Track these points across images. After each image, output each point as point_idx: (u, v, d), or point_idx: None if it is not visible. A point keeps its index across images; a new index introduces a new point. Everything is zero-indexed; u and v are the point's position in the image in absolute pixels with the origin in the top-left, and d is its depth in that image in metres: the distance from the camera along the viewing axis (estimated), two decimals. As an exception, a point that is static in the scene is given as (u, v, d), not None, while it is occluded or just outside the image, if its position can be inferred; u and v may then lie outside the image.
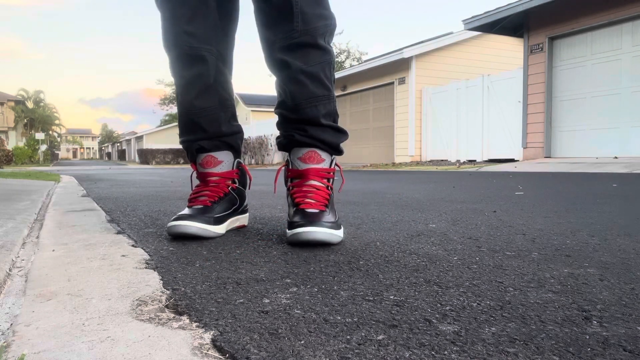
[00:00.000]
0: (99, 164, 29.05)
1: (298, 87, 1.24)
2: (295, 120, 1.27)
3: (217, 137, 1.37)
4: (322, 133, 1.26)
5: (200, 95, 1.34)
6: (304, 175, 1.24)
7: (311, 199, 1.18)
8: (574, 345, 0.53)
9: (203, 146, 1.37)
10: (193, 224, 1.20)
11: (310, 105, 1.24)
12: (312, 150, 1.25)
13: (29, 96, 45.61)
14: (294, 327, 0.59)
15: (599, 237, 1.24)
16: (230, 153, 1.39)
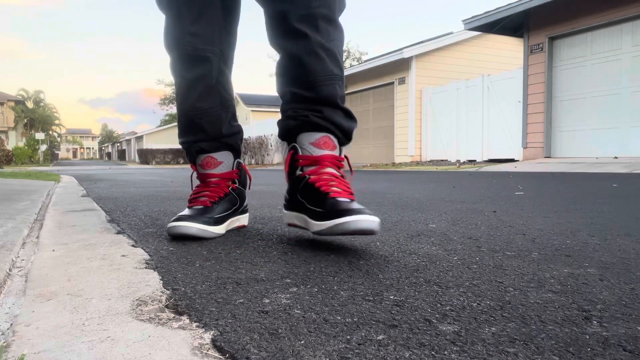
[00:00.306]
0: (99, 164, 29.05)
1: (317, 61, 1.14)
2: (310, 99, 1.16)
3: (217, 138, 1.35)
4: (337, 116, 1.17)
5: (201, 96, 1.31)
6: (319, 162, 1.14)
7: (336, 187, 1.09)
8: (574, 345, 0.53)
9: (203, 147, 1.35)
10: (193, 225, 1.19)
11: (328, 84, 1.15)
12: (326, 136, 1.16)
13: (29, 96, 45.62)
14: (294, 327, 0.59)
15: (599, 237, 1.24)
16: (230, 153, 1.37)
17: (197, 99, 1.32)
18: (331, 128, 1.16)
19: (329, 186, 1.09)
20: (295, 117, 1.18)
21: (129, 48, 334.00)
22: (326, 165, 1.14)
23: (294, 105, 1.19)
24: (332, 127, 1.17)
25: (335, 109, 1.17)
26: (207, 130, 1.34)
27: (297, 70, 1.17)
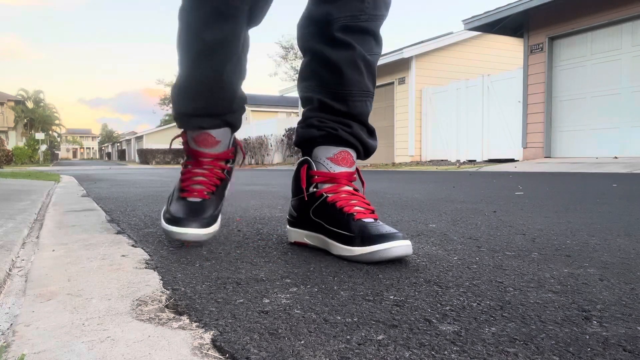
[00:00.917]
0: (99, 164, 29.06)
1: (356, 74, 1.07)
2: (341, 112, 1.09)
3: (222, 114, 1.19)
4: (364, 134, 1.12)
5: (222, 62, 1.11)
6: (336, 180, 1.07)
7: (359, 206, 1.03)
8: (574, 345, 0.53)
9: (203, 125, 1.18)
10: (189, 231, 1.07)
11: (362, 100, 1.09)
12: (345, 151, 1.09)
13: (28, 96, 45.64)
14: (294, 327, 0.59)
15: (599, 237, 1.24)
16: (229, 130, 1.22)
17: (218, 64, 1.11)
18: (356, 144, 1.10)
19: (351, 206, 1.03)
20: (320, 127, 1.10)
21: (129, 48, 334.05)
22: (344, 184, 1.07)
23: (322, 114, 1.11)
24: (358, 143, 1.11)
25: (362, 126, 1.12)
26: (215, 104, 1.17)
27: (332, 79, 1.09)
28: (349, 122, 1.09)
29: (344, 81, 1.07)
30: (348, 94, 1.08)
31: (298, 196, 1.13)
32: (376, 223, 0.99)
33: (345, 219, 1.01)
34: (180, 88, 1.18)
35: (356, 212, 1.01)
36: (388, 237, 0.93)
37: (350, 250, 0.96)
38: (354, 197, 1.05)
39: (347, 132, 1.09)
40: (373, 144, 1.15)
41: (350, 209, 1.02)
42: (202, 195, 1.14)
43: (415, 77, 11.99)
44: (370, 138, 1.14)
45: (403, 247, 0.93)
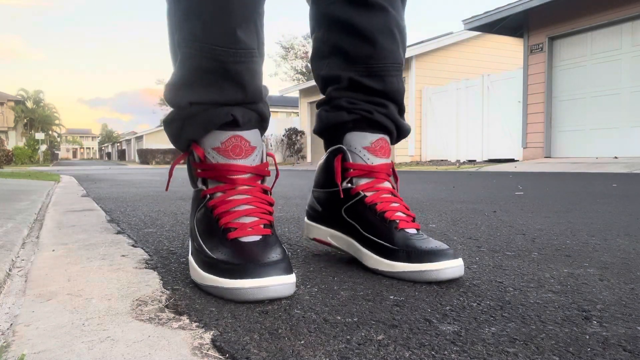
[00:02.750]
0: (99, 164, 29.07)
1: (390, 42, 0.90)
2: (376, 90, 0.92)
3: (255, 101, 0.84)
4: (398, 115, 0.95)
5: (242, 24, 0.78)
6: (376, 174, 0.90)
7: (401, 211, 0.88)
8: (574, 345, 0.53)
9: (236, 116, 0.81)
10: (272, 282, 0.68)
11: (396, 74, 0.93)
12: (382, 138, 0.92)
13: (28, 96, 45.66)
14: (294, 327, 0.59)
15: (599, 237, 1.24)
16: (259, 133, 0.86)
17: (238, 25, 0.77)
18: (392, 129, 0.94)
19: (393, 210, 0.87)
20: (351, 109, 0.92)
21: (128, 48, 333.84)
22: (383, 179, 0.91)
23: (352, 94, 0.93)
24: (394, 128, 0.94)
25: (397, 106, 0.95)
26: (247, 85, 0.81)
27: (363, 51, 0.91)
28: (385, 103, 0.92)
29: (378, 53, 0.90)
30: (382, 68, 0.91)
31: (325, 189, 0.96)
32: (421, 235, 0.85)
33: (386, 228, 0.86)
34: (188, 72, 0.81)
35: (399, 219, 0.86)
36: (438, 255, 0.79)
37: (391, 266, 0.82)
38: (394, 198, 0.90)
39: (384, 114, 0.92)
40: (407, 126, 0.98)
41: (392, 215, 0.87)
42: (260, 231, 0.77)
43: (415, 77, 11.99)
44: (404, 120, 0.98)
45: (456, 269, 0.79)
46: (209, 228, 0.79)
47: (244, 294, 0.68)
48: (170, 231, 1.37)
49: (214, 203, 0.79)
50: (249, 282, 0.68)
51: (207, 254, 0.75)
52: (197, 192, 0.84)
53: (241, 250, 0.73)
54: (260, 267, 0.69)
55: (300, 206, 2.12)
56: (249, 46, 0.79)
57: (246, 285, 0.68)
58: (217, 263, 0.72)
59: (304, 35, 30.36)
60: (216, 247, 0.75)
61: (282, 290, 0.69)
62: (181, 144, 0.87)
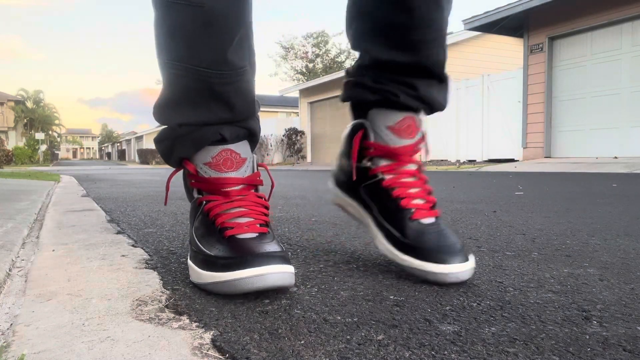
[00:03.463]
0: (99, 164, 29.07)
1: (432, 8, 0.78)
2: (406, 66, 0.82)
3: (245, 118, 0.85)
4: (435, 91, 0.85)
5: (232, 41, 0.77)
6: (397, 156, 0.84)
7: (419, 198, 0.83)
8: (574, 345, 0.53)
9: (224, 135, 0.82)
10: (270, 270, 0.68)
11: (437, 45, 0.81)
12: (410, 117, 0.85)
13: (28, 96, 45.67)
14: (294, 327, 0.59)
15: (599, 237, 1.24)
16: (248, 145, 0.87)
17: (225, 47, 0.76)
18: (420, 107, 0.85)
19: (410, 197, 0.83)
20: (375, 89, 0.85)
21: (128, 48, 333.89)
22: (405, 162, 0.85)
23: (377, 72, 0.85)
24: (423, 105, 0.86)
25: (437, 81, 0.85)
26: (235, 103, 0.81)
27: (396, 18, 0.79)
28: (415, 83, 0.83)
29: (414, 21, 0.78)
30: (420, 41, 0.80)
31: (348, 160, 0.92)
32: (436, 227, 0.81)
33: (400, 216, 0.82)
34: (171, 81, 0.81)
35: (415, 207, 0.82)
36: (447, 255, 0.75)
37: (401, 259, 0.80)
38: (415, 182, 0.84)
39: (412, 96, 0.83)
40: (443, 99, 0.87)
41: (408, 203, 0.82)
42: (256, 230, 0.76)
43: (415, 77, 11.98)
44: (442, 91, 0.87)
45: (464, 273, 0.76)
46: (206, 230, 0.78)
47: (243, 284, 0.67)
48: (170, 231, 1.37)
49: (210, 206, 0.79)
50: (247, 272, 0.67)
51: (205, 252, 0.75)
52: (194, 201, 0.84)
53: (238, 245, 0.72)
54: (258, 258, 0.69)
55: (300, 206, 2.12)
56: (239, 65, 0.79)
57: (244, 275, 0.66)
58: (214, 259, 0.72)
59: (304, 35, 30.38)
60: (213, 245, 0.74)
61: (282, 279, 0.68)
62: (173, 162, 0.88)
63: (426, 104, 0.85)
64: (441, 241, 0.78)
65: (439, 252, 0.76)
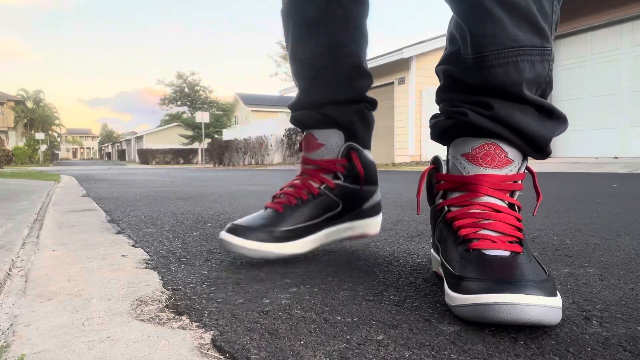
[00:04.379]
0: (99, 164, 29.08)
1: (486, 24, 0.69)
2: (472, 86, 0.74)
3: (318, 106, 0.95)
4: (520, 114, 0.71)
5: (301, 36, 0.93)
6: (471, 185, 0.72)
7: (489, 229, 0.67)
8: (574, 345, 0.53)
9: (300, 119, 0.98)
10: (239, 242, 0.85)
11: (506, 61, 0.70)
12: (491, 143, 0.72)
13: (28, 96, 45.69)
14: (294, 327, 0.59)
15: (599, 237, 1.24)
16: (338, 133, 0.95)
17: (291, 42, 0.94)
18: (503, 133, 0.71)
19: (476, 228, 0.67)
20: (449, 113, 0.77)
21: (128, 48, 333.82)
22: (482, 193, 0.71)
23: (451, 93, 0.77)
24: (507, 131, 0.71)
25: (517, 102, 0.72)
26: (305, 90, 0.96)
27: (457, 41, 0.75)
28: (487, 101, 0.72)
29: (473, 40, 0.71)
30: (482, 57, 0.71)
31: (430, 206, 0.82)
32: (504, 254, 0.63)
33: (456, 248, 0.68)
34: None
35: (480, 237, 0.66)
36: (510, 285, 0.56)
37: (451, 299, 0.62)
38: (492, 214, 0.69)
39: (485, 115, 0.72)
40: (540, 131, 0.72)
41: (469, 232, 0.67)
42: (277, 208, 0.91)
43: (415, 77, 11.99)
44: (540, 121, 0.73)
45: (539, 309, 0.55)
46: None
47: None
48: (170, 231, 1.37)
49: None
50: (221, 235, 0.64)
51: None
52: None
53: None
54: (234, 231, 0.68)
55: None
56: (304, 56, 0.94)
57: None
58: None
59: (304, 35, 30.19)
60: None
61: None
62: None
63: (504, 126, 0.71)
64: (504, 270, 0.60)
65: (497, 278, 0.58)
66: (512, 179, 0.73)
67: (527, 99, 0.72)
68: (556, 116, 0.74)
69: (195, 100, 41.44)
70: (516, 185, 0.73)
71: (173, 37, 59.82)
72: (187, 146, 34.74)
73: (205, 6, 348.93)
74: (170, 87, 41.69)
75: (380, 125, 13.13)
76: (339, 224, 0.98)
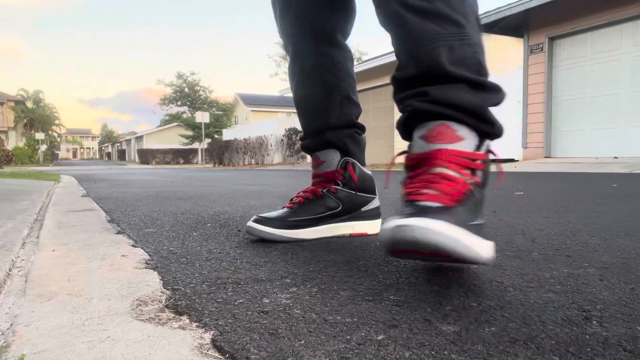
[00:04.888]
0: (99, 164, 29.09)
1: (402, 26, 0.83)
2: (410, 79, 0.85)
3: (318, 133, 1.23)
4: (454, 91, 0.81)
5: (302, 81, 1.23)
6: (427, 159, 0.79)
7: (433, 189, 0.73)
8: (574, 345, 0.53)
9: (307, 146, 1.26)
10: (261, 228, 1.15)
11: (426, 49, 0.81)
12: (442, 124, 0.80)
13: (28, 96, 45.70)
14: (294, 327, 0.59)
15: (599, 237, 1.24)
16: (335, 151, 1.22)
17: (294, 87, 1.25)
18: (446, 112, 0.80)
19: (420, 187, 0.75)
20: (402, 110, 0.87)
21: (128, 48, 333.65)
22: (437, 164, 0.77)
23: (400, 93, 0.88)
24: (448, 109, 0.80)
25: (449, 82, 0.81)
26: (308, 122, 1.25)
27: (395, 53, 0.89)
28: (424, 88, 0.82)
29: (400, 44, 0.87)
30: (409, 52, 0.84)
31: None
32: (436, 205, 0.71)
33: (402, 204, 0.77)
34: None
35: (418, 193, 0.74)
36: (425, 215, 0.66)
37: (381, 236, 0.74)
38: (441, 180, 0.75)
39: (424, 99, 0.82)
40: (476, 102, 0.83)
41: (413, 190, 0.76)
42: (290, 206, 1.21)
43: (415, 77, 11.98)
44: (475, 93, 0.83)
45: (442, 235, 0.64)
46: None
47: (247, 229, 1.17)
48: (170, 231, 1.37)
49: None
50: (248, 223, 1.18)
51: None
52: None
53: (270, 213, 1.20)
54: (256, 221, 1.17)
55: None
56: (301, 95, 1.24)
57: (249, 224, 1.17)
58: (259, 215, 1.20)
59: (304, 35, 30.18)
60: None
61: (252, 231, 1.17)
62: None
63: (445, 106, 0.80)
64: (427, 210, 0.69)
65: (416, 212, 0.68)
66: (468, 156, 0.80)
67: (455, 77, 0.81)
68: (488, 88, 0.86)
69: (195, 100, 41.46)
70: (475, 163, 0.80)
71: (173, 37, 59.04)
72: (187, 146, 34.75)
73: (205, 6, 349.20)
74: (170, 87, 41.71)
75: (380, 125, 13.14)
76: (340, 222, 1.22)
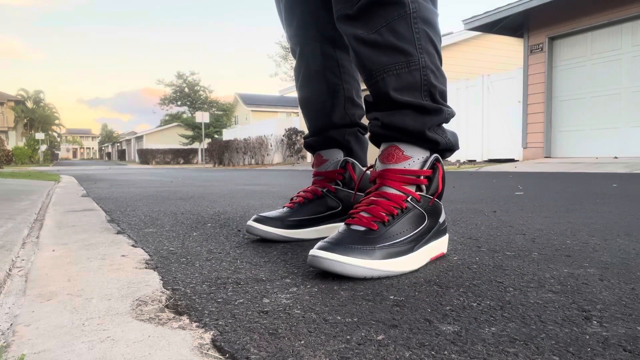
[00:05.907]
0: (99, 164, 29.10)
1: (359, 59, 0.94)
2: (369, 105, 0.98)
3: (322, 131, 1.24)
4: (399, 117, 0.91)
5: (302, 84, 1.26)
6: (379, 177, 0.92)
7: (368, 212, 0.88)
8: (574, 345, 0.53)
9: (310, 144, 1.27)
10: (260, 227, 1.16)
11: (376, 80, 0.92)
12: (391, 146, 0.93)
13: (28, 96, 45.69)
14: (294, 327, 0.59)
15: (599, 237, 1.24)
16: (337, 150, 1.23)
17: (299, 87, 1.27)
18: (392, 135, 0.93)
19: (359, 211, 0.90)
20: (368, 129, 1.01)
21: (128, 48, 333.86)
22: (383, 183, 0.91)
23: (367, 115, 1.02)
24: (395, 132, 0.92)
25: (395, 109, 0.92)
26: (312, 121, 1.27)
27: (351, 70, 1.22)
28: (376, 114, 0.95)
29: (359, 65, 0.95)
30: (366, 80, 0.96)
31: None
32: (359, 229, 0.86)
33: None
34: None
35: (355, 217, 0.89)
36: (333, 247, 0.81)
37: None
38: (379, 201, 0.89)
39: (377, 125, 0.95)
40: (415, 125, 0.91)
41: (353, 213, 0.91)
42: (290, 206, 1.21)
43: (415, 77, 11.98)
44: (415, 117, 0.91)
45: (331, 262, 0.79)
46: None
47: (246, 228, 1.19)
48: (170, 231, 1.37)
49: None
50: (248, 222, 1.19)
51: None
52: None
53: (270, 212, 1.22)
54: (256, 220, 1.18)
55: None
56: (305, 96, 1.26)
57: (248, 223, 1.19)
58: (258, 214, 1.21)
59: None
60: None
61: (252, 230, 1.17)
62: None
63: (391, 130, 0.92)
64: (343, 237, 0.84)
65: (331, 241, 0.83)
66: (412, 174, 0.91)
67: (400, 103, 0.91)
68: (429, 110, 0.92)
69: (195, 100, 41.44)
70: (419, 180, 0.91)
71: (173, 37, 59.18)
72: (187, 146, 34.74)
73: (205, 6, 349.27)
74: (170, 87, 41.69)
75: (380, 125, 13.10)
76: (340, 222, 1.20)
